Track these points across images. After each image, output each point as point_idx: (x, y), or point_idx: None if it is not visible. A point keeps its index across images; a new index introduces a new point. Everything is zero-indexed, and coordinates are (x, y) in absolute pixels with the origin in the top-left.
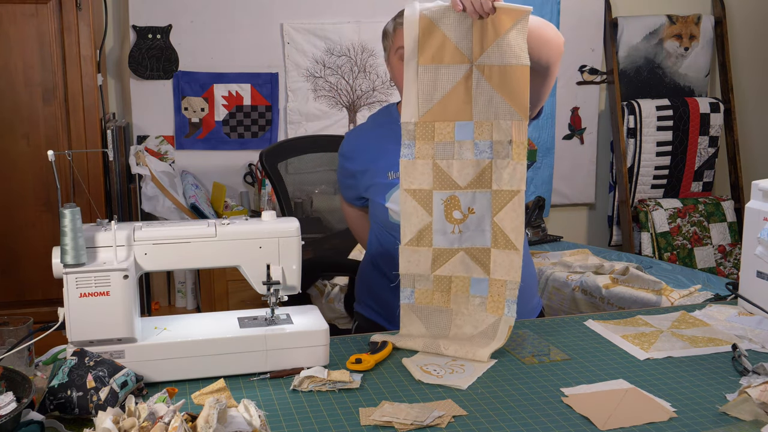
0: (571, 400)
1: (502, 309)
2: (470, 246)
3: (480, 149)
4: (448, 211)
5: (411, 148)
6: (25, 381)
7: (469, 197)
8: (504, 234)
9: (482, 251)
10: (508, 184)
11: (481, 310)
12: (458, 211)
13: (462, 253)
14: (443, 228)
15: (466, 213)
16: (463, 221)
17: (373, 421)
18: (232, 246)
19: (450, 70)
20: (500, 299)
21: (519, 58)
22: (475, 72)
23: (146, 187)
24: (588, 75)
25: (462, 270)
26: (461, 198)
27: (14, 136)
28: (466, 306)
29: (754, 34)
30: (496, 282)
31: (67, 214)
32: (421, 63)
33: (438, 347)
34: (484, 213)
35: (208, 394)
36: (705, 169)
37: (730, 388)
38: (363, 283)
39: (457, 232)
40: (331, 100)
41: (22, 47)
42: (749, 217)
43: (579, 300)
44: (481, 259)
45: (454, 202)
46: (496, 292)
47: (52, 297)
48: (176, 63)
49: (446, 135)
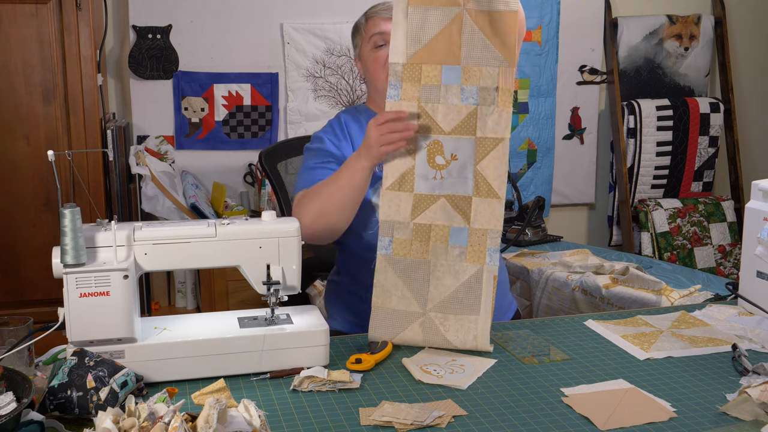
0: (571, 400)
1: (483, 258)
2: (451, 193)
3: (466, 95)
4: (431, 155)
5: (397, 89)
6: (25, 381)
7: (452, 143)
8: (486, 182)
9: (463, 199)
10: (493, 131)
11: (461, 260)
12: (441, 156)
13: (443, 200)
14: (425, 173)
15: (449, 159)
16: (446, 167)
17: (373, 421)
18: (232, 246)
19: (439, 12)
20: (481, 248)
21: (508, 4)
22: (465, 16)
23: (146, 187)
24: (588, 75)
25: (442, 218)
26: (444, 143)
27: (14, 136)
28: (445, 257)
29: (754, 34)
30: (477, 231)
31: (67, 214)
32: (410, 3)
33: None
34: (467, 160)
35: (208, 394)
36: (705, 169)
37: (730, 388)
38: (335, 299)
39: (439, 178)
40: (331, 100)
41: (22, 47)
42: (749, 217)
43: (579, 300)
44: (462, 207)
45: (437, 147)
46: (476, 242)
47: (52, 297)
48: (176, 63)
49: (433, 78)
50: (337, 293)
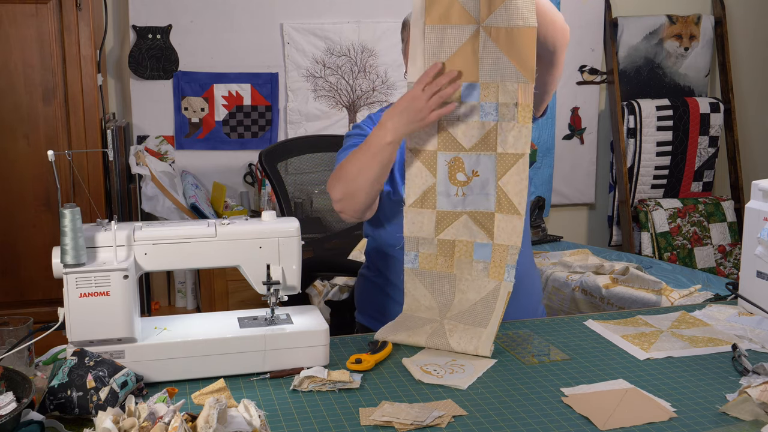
0: (571, 400)
1: (502, 274)
2: (473, 210)
3: (485, 111)
4: (452, 172)
5: None
6: (25, 381)
7: (473, 159)
8: (507, 198)
9: (486, 215)
10: (513, 147)
11: (484, 276)
12: (462, 173)
13: (465, 217)
14: (447, 190)
15: (470, 176)
16: (467, 184)
17: (373, 421)
18: (232, 246)
19: (457, 31)
20: (501, 264)
21: (526, 20)
22: (482, 33)
23: (146, 187)
24: (588, 75)
25: (465, 234)
26: (465, 160)
27: (14, 136)
28: (470, 272)
29: (754, 34)
30: (499, 247)
31: (67, 214)
32: (428, 23)
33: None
34: (488, 176)
35: (208, 394)
36: (705, 169)
37: (730, 388)
38: (362, 293)
39: (461, 195)
40: (331, 100)
41: (22, 47)
42: (749, 217)
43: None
44: (484, 223)
45: (458, 164)
46: (498, 257)
47: (52, 297)
48: (176, 63)
49: (453, 96)
50: (363, 287)
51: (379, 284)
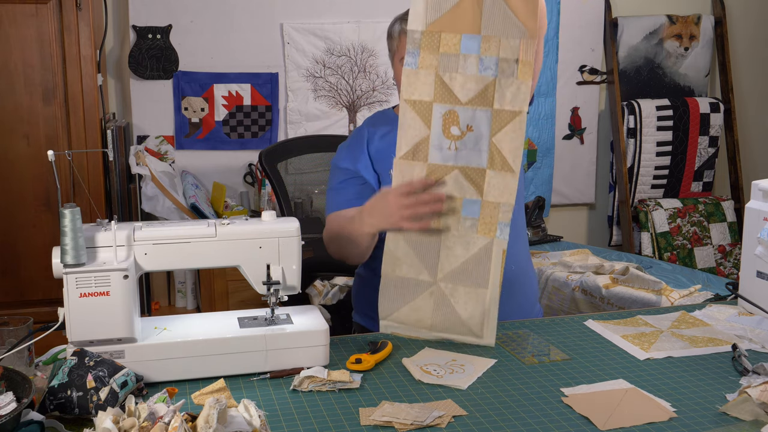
0: (571, 400)
1: (494, 231)
2: (465, 165)
3: (485, 65)
4: (446, 126)
5: (415, 57)
6: (25, 381)
7: (468, 114)
8: (501, 155)
9: (477, 171)
10: (511, 104)
11: (472, 232)
12: (456, 127)
13: (456, 172)
14: (440, 143)
15: (465, 130)
16: (461, 138)
17: (373, 421)
18: (232, 246)
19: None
20: (492, 221)
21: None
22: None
23: (146, 187)
24: (588, 75)
25: (455, 190)
26: (460, 114)
27: (14, 136)
28: (457, 227)
29: (754, 34)
30: (489, 204)
31: (67, 214)
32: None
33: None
34: (482, 131)
35: (208, 394)
36: (705, 169)
37: (730, 388)
38: (359, 293)
39: (453, 149)
40: (331, 100)
41: (22, 47)
42: (749, 217)
43: (579, 300)
44: (475, 179)
45: (453, 117)
46: (488, 214)
47: (52, 297)
48: (176, 63)
49: (452, 47)
50: (360, 287)
51: (376, 284)
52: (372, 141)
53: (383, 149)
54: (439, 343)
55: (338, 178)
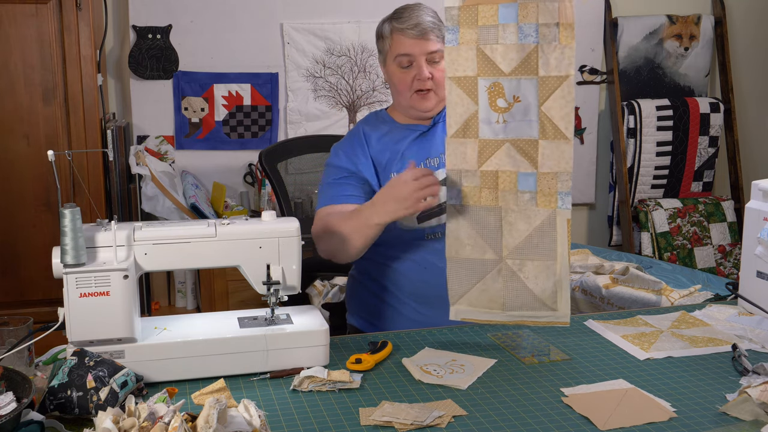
0: (571, 400)
1: (555, 202)
2: (516, 137)
3: (525, 33)
4: (492, 98)
5: (455, 34)
6: (25, 381)
7: (513, 84)
8: (552, 123)
9: (529, 143)
10: (556, 70)
11: (532, 205)
12: (502, 99)
13: (507, 145)
14: (488, 117)
15: (511, 101)
16: (508, 110)
17: (373, 421)
18: (232, 246)
19: None
20: (551, 192)
21: None
22: None
23: (146, 187)
24: (588, 75)
25: (508, 164)
26: (505, 85)
27: (14, 136)
28: (516, 203)
29: (754, 34)
30: (545, 175)
31: (67, 214)
32: None
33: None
34: (530, 101)
35: (208, 394)
36: (705, 169)
37: (730, 388)
38: (353, 295)
39: (502, 122)
40: (331, 100)
41: (22, 47)
42: (749, 217)
43: (579, 300)
44: (528, 151)
45: (498, 90)
46: (545, 186)
47: (52, 297)
48: (176, 63)
49: (489, 18)
50: (354, 289)
51: (369, 286)
52: (370, 142)
53: (384, 150)
54: (439, 343)
55: (334, 175)
